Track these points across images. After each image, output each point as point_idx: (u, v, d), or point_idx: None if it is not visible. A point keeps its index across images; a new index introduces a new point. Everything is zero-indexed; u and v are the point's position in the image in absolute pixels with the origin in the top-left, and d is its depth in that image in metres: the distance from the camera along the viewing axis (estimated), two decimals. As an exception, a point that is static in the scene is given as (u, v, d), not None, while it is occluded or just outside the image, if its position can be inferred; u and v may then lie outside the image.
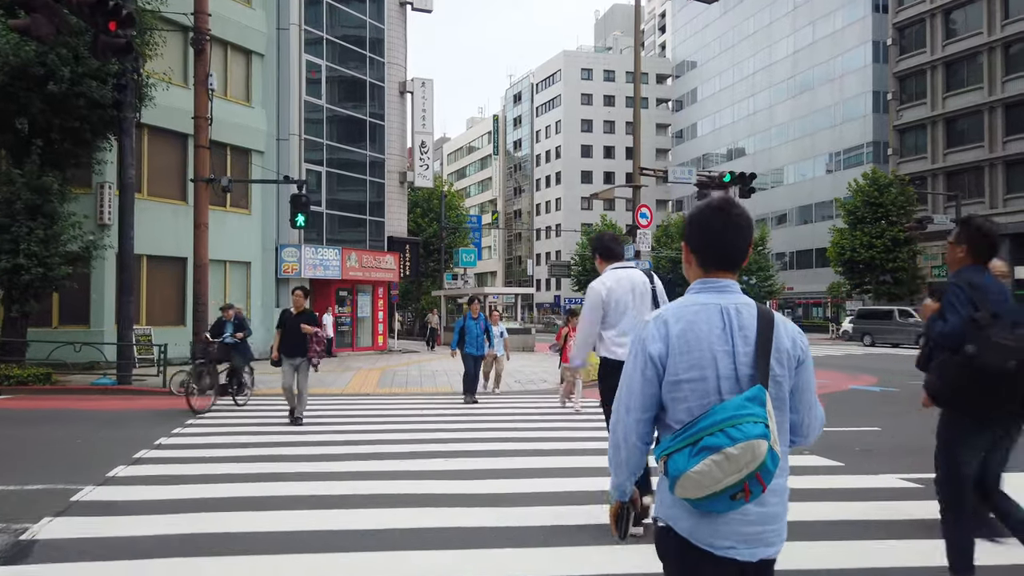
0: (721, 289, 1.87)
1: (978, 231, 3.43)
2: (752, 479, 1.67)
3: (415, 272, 26.93)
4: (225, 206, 19.53)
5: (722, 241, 1.87)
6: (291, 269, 21.03)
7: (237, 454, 7.01)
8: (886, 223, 39.41)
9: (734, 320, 1.83)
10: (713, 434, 1.69)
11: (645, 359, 1.84)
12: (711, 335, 1.81)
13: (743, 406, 1.70)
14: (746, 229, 1.89)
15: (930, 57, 42.77)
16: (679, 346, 1.81)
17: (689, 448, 1.71)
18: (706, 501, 1.72)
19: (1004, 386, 3.16)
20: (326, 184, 22.37)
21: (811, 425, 1.93)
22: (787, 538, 1.86)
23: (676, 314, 1.85)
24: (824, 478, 5.91)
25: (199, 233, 13.32)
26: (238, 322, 10.86)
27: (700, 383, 1.79)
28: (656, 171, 22.72)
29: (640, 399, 1.85)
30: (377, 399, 12.31)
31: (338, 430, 8.69)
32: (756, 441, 1.66)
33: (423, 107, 26.14)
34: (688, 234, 1.94)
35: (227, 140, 19.17)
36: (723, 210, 1.88)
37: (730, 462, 1.66)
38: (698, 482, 1.68)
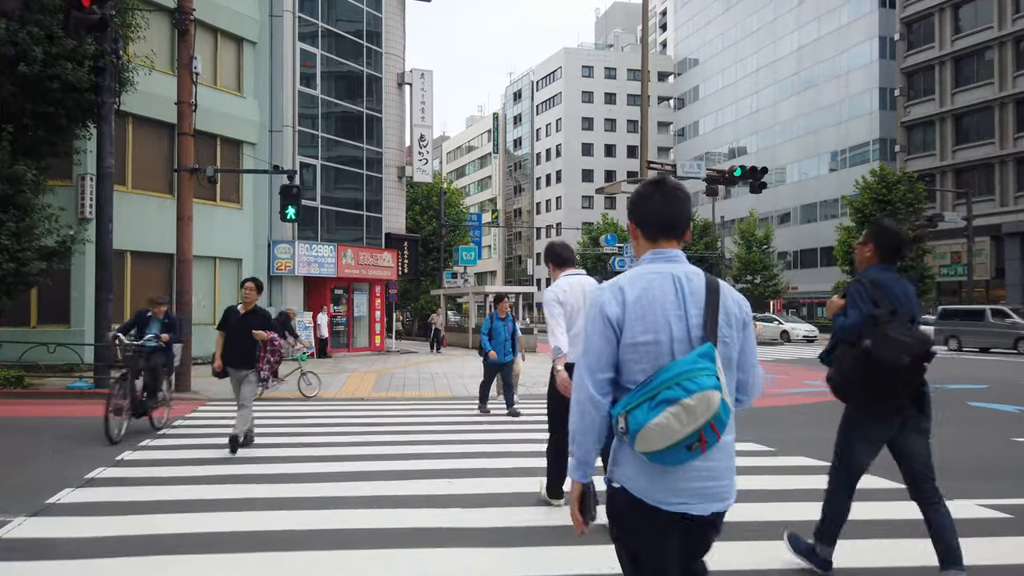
0: (671, 258, 2.02)
1: (884, 232, 3.57)
2: (707, 428, 1.79)
3: (414, 270, 26.07)
4: (215, 200, 18.68)
5: (661, 212, 2.03)
6: (284, 266, 20.18)
7: (204, 473, 6.09)
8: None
9: (685, 287, 1.95)
10: (670, 387, 1.80)
11: (604, 321, 1.95)
12: (665, 301, 1.93)
13: (696, 361, 1.82)
14: (683, 201, 2.06)
15: (938, 52, 42.01)
16: (635, 311, 1.93)
17: (648, 402, 1.81)
18: (664, 453, 1.82)
19: (899, 380, 3.26)
20: (321, 178, 21.52)
21: (754, 384, 2.07)
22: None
23: (632, 280, 1.98)
24: (894, 505, 5.06)
25: (183, 226, 12.48)
26: (169, 322, 8.63)
27: (655, 346, 1.91)
28: (664, 165, 21.89)
29: (599, 359, 1.94)
30: (372, 405, 11.46)
31: (325, 442, 7.84)
32: (710, 392, 1.78)
33: (422, 99, 25.29)
34: (632, 210, 2.09)
35: (217, 131, 18.32)
36: (659, 184, 2.07)
37: (687, 412, 1.77)
38: (659, 433, 1.79)
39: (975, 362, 20.96)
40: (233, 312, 7.35)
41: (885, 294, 3.39)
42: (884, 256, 3.57)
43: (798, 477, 5.91)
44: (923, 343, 3.30)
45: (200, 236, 18.05)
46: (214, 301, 18.64)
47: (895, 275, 3.55)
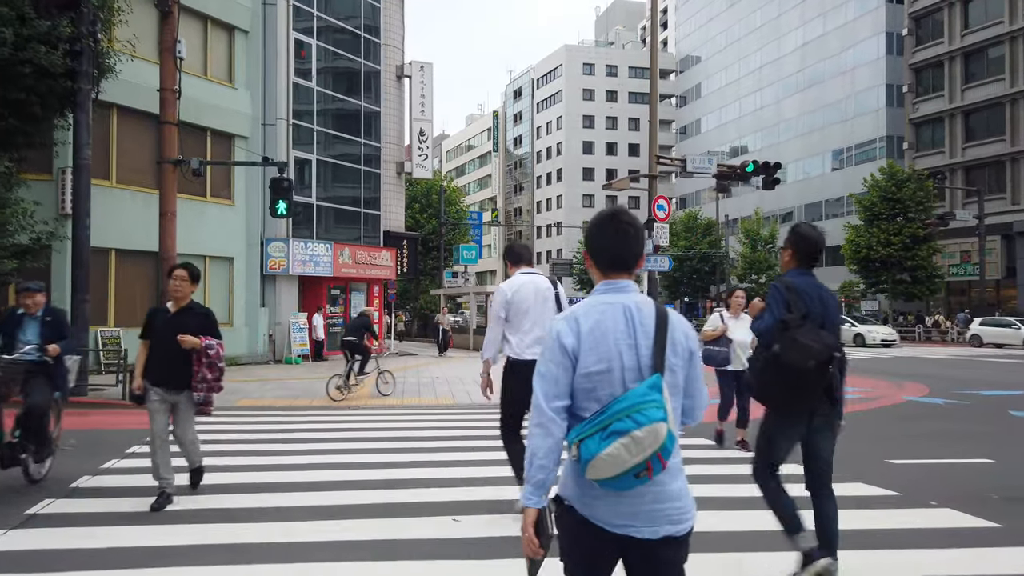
0: (622, 289, 2.08)
1: (802, 238, 3.62)
2: (654, 458, 1.87)
3: (413, 269, 25.22)
4: (205, 196, 17.84)
5: (612, 246, 2.09)
6: (278, 265, 19.35)
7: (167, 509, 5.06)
8: (904, 220, 37.80)
9: (635, 317, 2.03)
10: (621, 419, 1.88)
11: (561, 351, 2.01)
12: (616, 331, 2.01)
13: (646, 394, 1.90)
14: (633, 236, 2.11)
15: (948, 48, 41.25)
16: (589, 341, 2.00)
17: (600, 432, 1.89)
18: (614, 480, 1.89)
19: (805, 384, 3.33)
20: (317, 174, 20.69)
21: (699, 407, 2.15)
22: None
23: (586, 312, 2.05)
24: (984, 552, 4.23)
25: (166, 223, 11.67)
26: (52, 320, 5.86)
27: (607, 374, 1.98)
28: (674, 160, 21.06)
29: (556, 387, 2.00)
30: (367, 415, 10.63)
31: (307, 464, 7.01)
32: (658, 424, 1.86)
33: (422, 93, 24.44)
34: (586, 240, 2.19)
35: (207, 123, 17.48)
36: (613, 219, 2.11)
37: (636, 444, 1.85)
38: (608, 463, 1.87)
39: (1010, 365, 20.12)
40: (161, 313, 5.33)
41: (800, 299, 3.44)
42: (802, 261, 3.64)
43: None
44: (828, 348, 3.33)
45: (189, 233, 17.24)
46: (204, 301, 17.61)
47: (812, 280, 3.60)
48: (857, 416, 10.31)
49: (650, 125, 20.78)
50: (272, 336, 19.48)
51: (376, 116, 22.72)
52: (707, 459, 6.84)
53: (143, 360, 5.26)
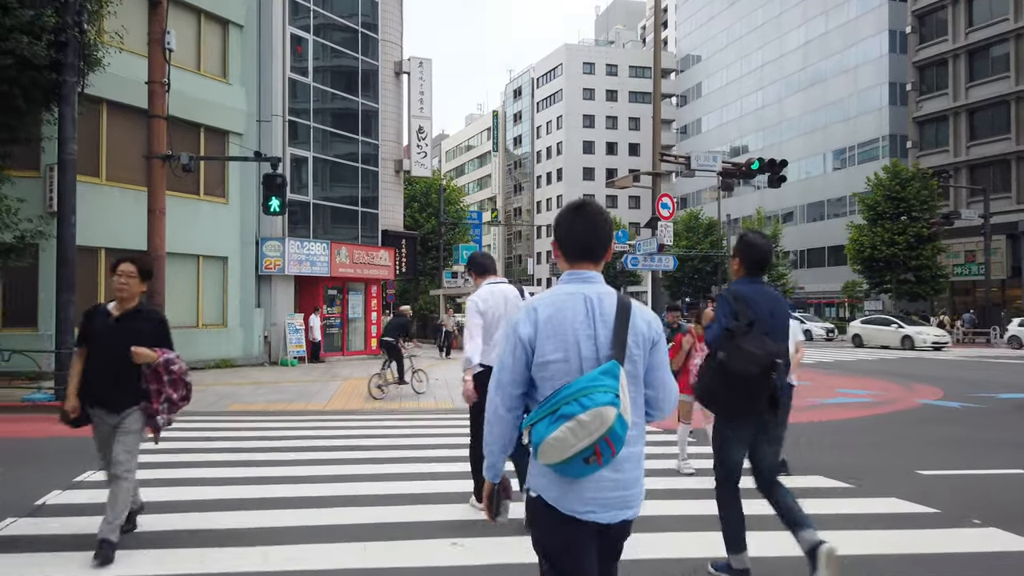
0: (586, 279, 2.10)
1: (749, 246, 3.68)
2: (602, 442, 1.88)
3: (412, 269, 24.76)
4: (198, 194, 17.41)
5: (581, 236, 2.13)
6: (273, 265, 18.91)
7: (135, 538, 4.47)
8: (908, 219, 37.38)
9: (596, 307, 2.05)
10: (568, 403, 1.90)
11: (516, 341, 2.04)
12: (575, 321, 2.03)
13: (596, 378, 1.93)
14: (600, 226, 2.14)
15: (952, 45, 40.85)
16: (546, 330, 2.02)
17: (549, 417, 1.92)
18: (564, 465, 1.92)
19: (750, 389, 3.41)
20: (314, 172, 20.25)
21: (666, 399, 2.16)
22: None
23: (545, 302, 2.08)
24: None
25: (154, 220, 11.24)
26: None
27: (564, 364, 2.01)
28: (678, 157, 20.63)
29: (510, 375, 2.05)
30: (364, 420, 10.19)
31: (297, 476, 6.57)
32: (605, 408, 1.87)
33: (421, 90, 23.99)
34: (555, 230, 2.18)
35: (200, 119, 17.05)
36: (580, 209, 2.16)
37: (582, 427, 1.87)
38: (556, 447, 1.89)
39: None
40: (101, 315, 4.27)
41: (747, 307, 3.50)
42: (750, 269, 3.70)
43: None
44: (771, 355, 3.39)
45: (181, 232, 16.83)
46: (197, 303, 17.38)
47: (761, 287, 3.65)
48: (876, 421, 9.90)
49: (654, 122, 20.31)
50: (267, 337, 19.05)
51: (374, 113, 22.30)
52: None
53: (78, 373, 4.24)
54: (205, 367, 17.09)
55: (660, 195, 18.52)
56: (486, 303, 4.73)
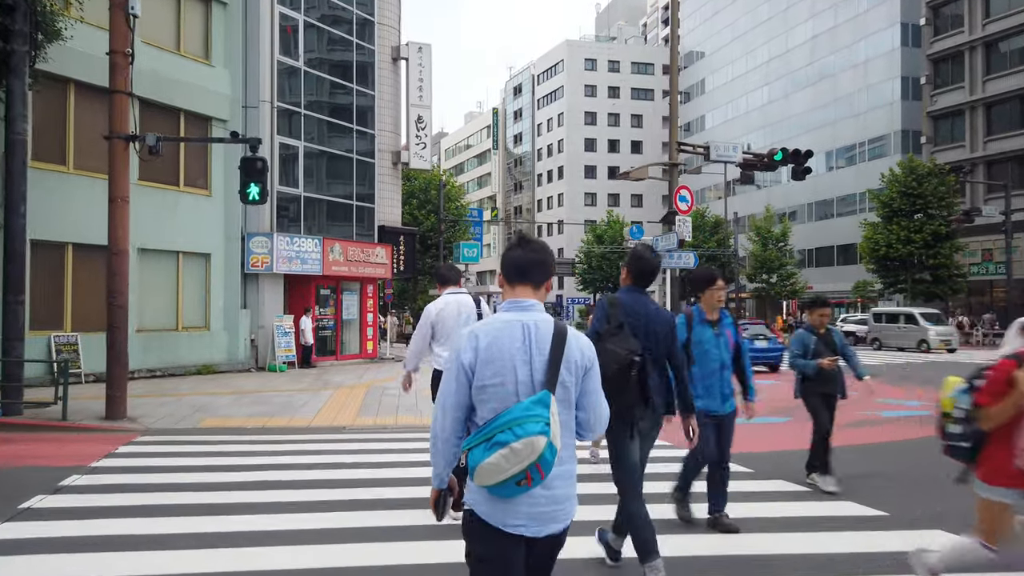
0: (525, 308, 2.26)
1: (636, 259, 4.03)
2: (532, 468, 2.03)
3: (411, 268, 23.35)
4: (178, 185, 16.01)
5: (518, 260, 2.31)
6: (261, 262, 17.51)
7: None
8: (925, 216, 36.06)
9: (533, 334, 2.19)
10: (503, 431, 2.04)
11: (459, 367, 2.18)
12: (512, 347, 2.17)
13: (529, 408, 2.06)
14: (539, 252, 2.35)
15: (968, 37, 39.59)
16: (485, 356, 2.16)
17: (484, 443, 2.06)
18: (498, 487, 2.07)
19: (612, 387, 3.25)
20: (304, 163, 18.85)
21: (597, 421, 2.32)
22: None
23: (485, 329, 2.21)
24: None
25: (116, 209, 9.85)
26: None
27: (501, 388, 2.15)
28: (696, 147, 19.25)
29: (454, 399, 2.19)
30: (353, 438, 8.80)
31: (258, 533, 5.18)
32: (536, 437, 2.02)
33: (420, 77, 22.60)
34: (501, 261, 2.36)
35: (180, 104, 15.66)
36: (522, 242, 2.37)
37: (514, 454, 2.01)
38: (490, 471, 2.04)
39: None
40: None
41: (620, 311, 3.79)
42: (636, 279, 4.01)
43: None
44: (630, 352, 3.60)
45: (159, 226, 15.45)
46: (176, 304, 15.98)
47: (640, 296, 3.97)
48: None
49: (671, 108, 19.03)
50: (254, 341, 17.65)
51: (370, 101, 20.89)
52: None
53: None
54: (185, 373, 15.70)
55: (678, 187, 17.13)
56: (440, 312, 5.11)
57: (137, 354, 14.90)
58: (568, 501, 2.21)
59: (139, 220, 15.05)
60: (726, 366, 4.88)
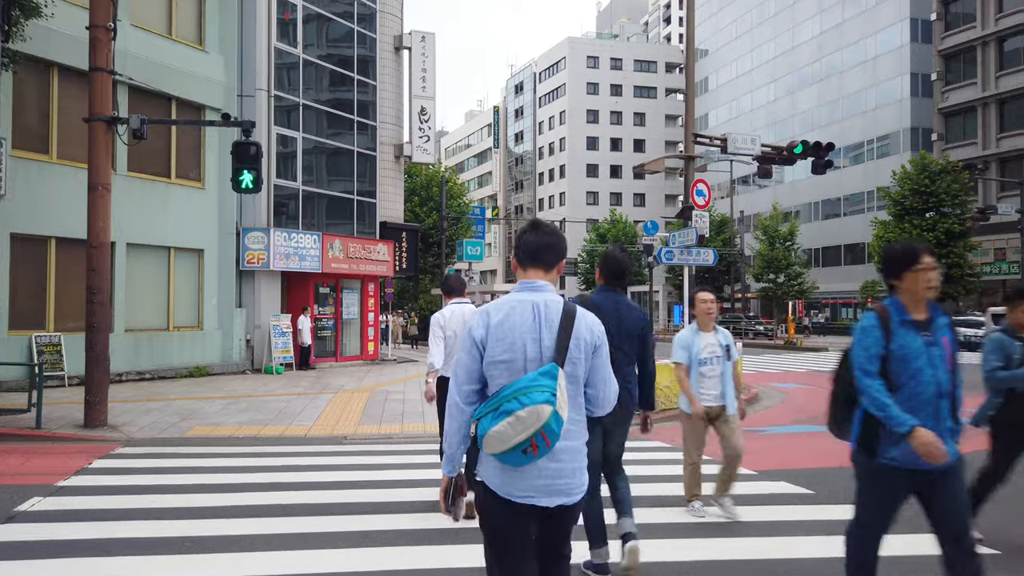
0: (536, 288, 2.35)
1: (607, 260, 4.12)
2: (538, 436, 2.10)
3: (413, 266, 22.49)
4: (169, 176, 15.18)
5: (531, 243, 2.41)
6: (257, 259, 16.67)
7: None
8: (937, 214, 35.24)
9: (543, 313, 2.28)
10: (510, 401, 2.13)
11: (471, 342, 2.29)
12: (523, 326, 2.26)
13: (535, 379, 2.15)
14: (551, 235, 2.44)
15: (981, 32, 38.83)
16: (496, 333, 2.26)
17: (492, 413, 2.16)
18: (505, 455, 2.15)
19: None
20: (303, 155, 18.02)
21: (606, 397, 2.40)
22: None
23: (497, 308, 2.32)
24: None
25: (95, 199, 9.02)
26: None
27: (511, 363, 2.24)
28: (713, 139, 18.41)
29: (466, 373, 2.30)
30: (356, 449, 7.97)
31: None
32: (541, 406, 2.10)
33: (423, 67, 21.74)
34: (515, 245, 2.48)
35: (171, 90, 14.83)
36: (535, 224, 2.48)
37: (519, 422, 2.10)
38: (497, 439, 2.12)
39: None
40: None
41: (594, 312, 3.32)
42: (607, 280, 4.09)
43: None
44: None
45: (149, 220, 14.64)
46: (168, 302, 15.14)
47: (613, 296, 4.03)
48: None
49: (687, 98, 18.20)
50: (250, 341, 16.82)
51: (372, 91, 20.05)
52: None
53: None
54: (176, 376, 14.86)
55: (695, 181, 16.29)
56: (447, 320, 5.26)
57: (125, 355, 14.08)
58: (576, 475, 2.28)
59: (128, 214, 14.25)
60: (945, 393, 3.00)
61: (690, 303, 6.37)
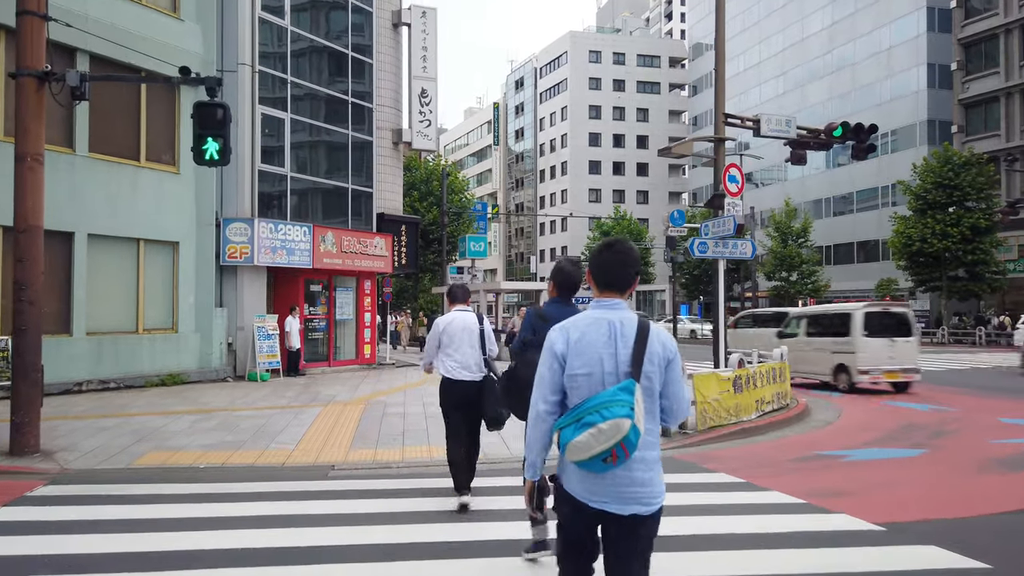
0: (611, 306, 2.49)
1: (559, 272, 4.24)
2: (618, 447, 2.24)
3: (413, 262, 20.74)
4: (138, 159, 13.45)
5: (607, 271, 2.53)
6: (240, 253, 14.95)
7: None
8: (962, 209, 33.58)
9: (618, 330, 2.42)
10: (591, 414, 2.27)
11: (552, 356, 2.45)
12: (599, 342, 2.41)
13: (615, 394, 2.29)
14: (627, 263, 2.54)
15: (1004, 19, 37.26)
16: (576, 349, 2.42)
17: (575, 424, 2.30)
18: (586, 463, 2.29)
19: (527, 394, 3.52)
20: (291, 138, 16.29)
21: (679, 409, 2.50)
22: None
23: (576, 325, 2.48)
24: None
25: (23, 172, 7.32)
26: None
27: (589, 377, 2.39)
28: (745, 119, 16.71)
29: (549, 385, 2.45)
30: (343, 488, 6.24)
31: None
32: (621, 420, 2.24)
33: (424, 44, 20.00)
34: (589, 264, 2.60)
35: (140, 62, 13.10)
36: (609, 248, 2.57)
37: (601, 434, 2.24)
38: (579, 448, 2.27)
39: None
40: None
41: (547, 324, 3.82)
42: (561, 291, 4.25)
43: None
44: None
45: (114, 208, 12.94)
46: (137, 301, 13.41)
47: (565, 308, 4.13)
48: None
49: (716, 77, 16.59)
50: (231, 345, 15.09)
51: (368, 71, 18.32)
52: None
53: None
54: (147, 385, 13.13)
55: (727, 166, 14.57)
56: (448, 325, 5.55)
57: (87, 362, 12.37)
58: (650, 485, 2.37)
59: (90, 200, 12.55)
60: None
61: None
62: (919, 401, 12.62)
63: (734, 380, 9.65)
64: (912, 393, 13.72)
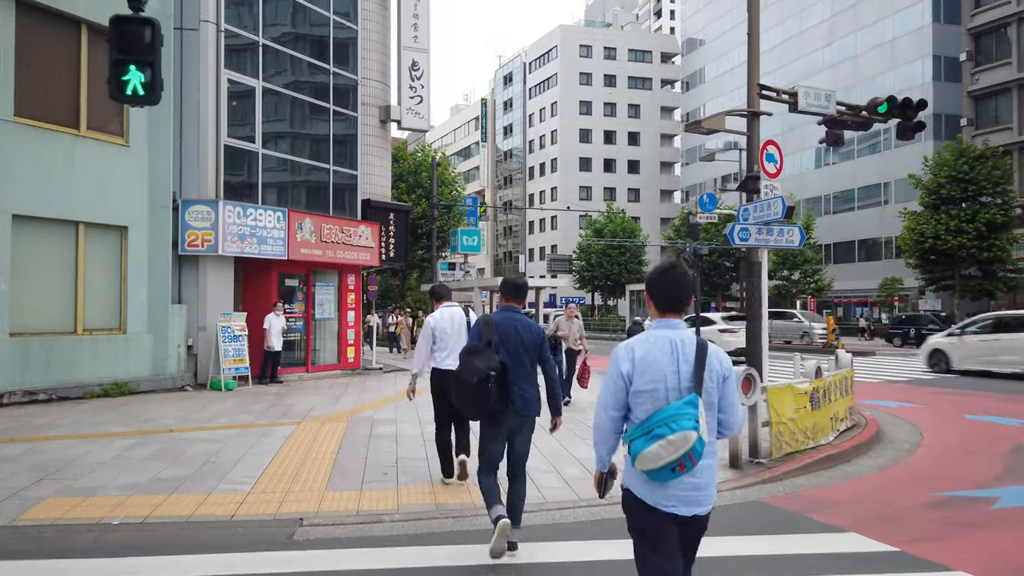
0: (672, 326, 2.68)
1: (505, 283, 4.73)
2: (686, 457, 2.44)
3: (402, 254, 18.62)
4: (77, 128, 11.27)
5: (667, 293, 2.72)
6: (202, 241, 12.81)
7: None
8: (977, 204, 32.03)
9: (679, 349, 2.61)
10: (660, 427, 2.45)
11: (618, 374, 2.62)
12: (663, 359, 2.59)
13: (681, 408, 2.47)
14: (685, 285, 2.73)
15: (1016, 8, 35.90)
16: (640, 367, 2.59)
17: (645, 436, 2.48)
18: (656, 472, 2.48)
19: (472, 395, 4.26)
20: (263, 110, 14.15)
21: (734, 421, 2.72)
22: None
23: (640, 344, 2.64)
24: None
25: None
26: None
27: (654, 393, 2.56)
28: (781, 92, 14.76)
29: (613, 401, 2.63)
30: (309, 559, 4.19)
31: None
32: (688, 432, 2.43)
33: (415, 12, 17.92)
34: (648, 284, 2.78)
35: (79, 11, 10.97)
36: (667, 272, 2.75)
37: (671, 445, 2.43)
38: (650, 459, 2.46)
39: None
40: None
41: (494, 330, 4.42)
42: (508, 299, 4.68)
43: None
44: (488, 368, 4.22)
45: (46, 184, 10.74)
46: (76, 293, 11.25)
47: (512, 315, 4.57)
48: None
49: (749, 46, 14.60)
50: (192, 348, 12.94)
51: (351, 37, 16.21)
52: None
53: None
54: (86, 396, 10.97)
55: (765, 143, 12.55)
56: (438, 323, 5.98)
57: (10, 369, 10.23)
58: (709, 488, 2.60)
59: (15, 174, 10.39)
60: None
61: None
62: (996, 413, 10.79)
63: (811, 394, 7.71)
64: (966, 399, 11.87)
